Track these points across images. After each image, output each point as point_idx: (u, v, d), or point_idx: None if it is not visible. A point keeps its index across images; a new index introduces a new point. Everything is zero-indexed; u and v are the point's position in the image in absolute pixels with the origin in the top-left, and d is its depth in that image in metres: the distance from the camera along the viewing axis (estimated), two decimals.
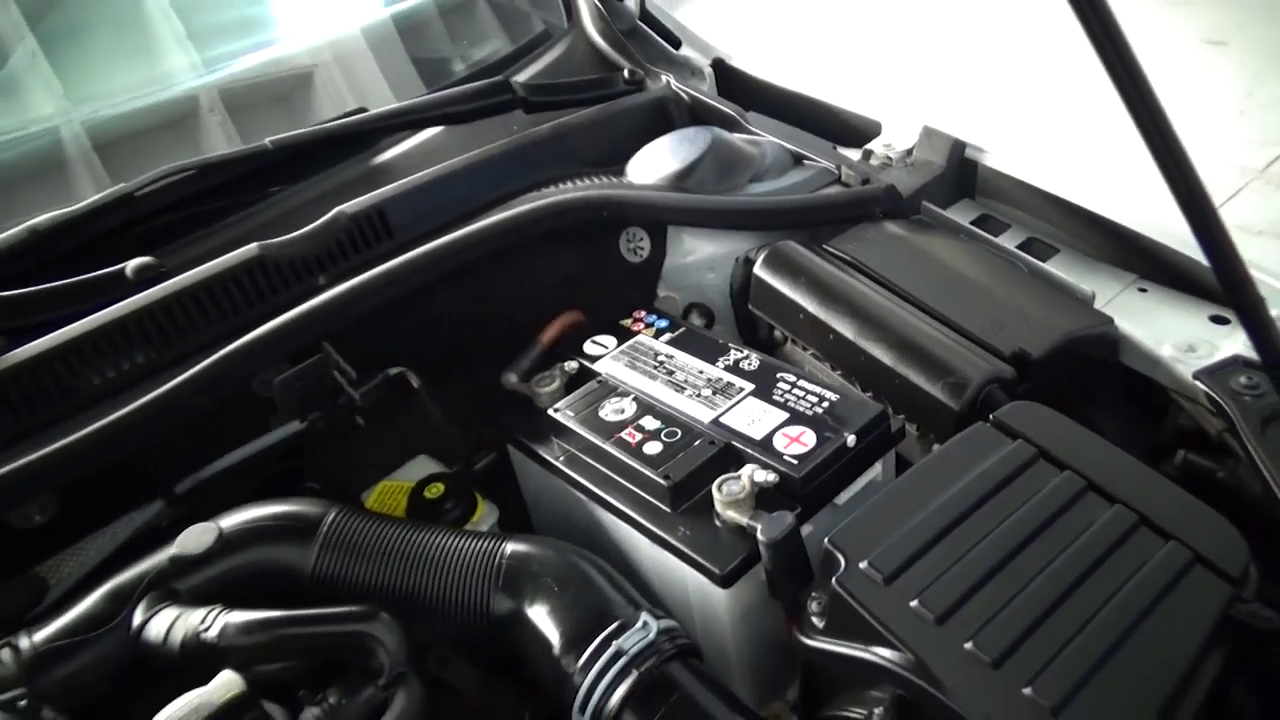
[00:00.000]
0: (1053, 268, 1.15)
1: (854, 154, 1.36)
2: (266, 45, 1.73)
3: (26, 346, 0.97)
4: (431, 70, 1.74)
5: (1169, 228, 1.14)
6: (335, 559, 0.87)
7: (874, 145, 1.37)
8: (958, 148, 1.30)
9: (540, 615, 0.83)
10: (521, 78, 1.45)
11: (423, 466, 1.14)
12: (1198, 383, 0.99)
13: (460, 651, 0.90)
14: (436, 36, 1.81)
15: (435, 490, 1.07)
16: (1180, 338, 1.05)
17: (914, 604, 0.73)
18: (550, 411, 1.02)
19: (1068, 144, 3.35)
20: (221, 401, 0.99)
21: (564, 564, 0.86)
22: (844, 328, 1.05)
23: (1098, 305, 1.10)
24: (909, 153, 1.34)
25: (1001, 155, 1.29)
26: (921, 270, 1.12)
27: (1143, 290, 1.14)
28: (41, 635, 0.80)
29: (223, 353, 0.98)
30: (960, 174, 1.31)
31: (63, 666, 0.78)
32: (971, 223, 1.25)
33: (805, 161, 1.34)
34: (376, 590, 0.86)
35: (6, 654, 0.78)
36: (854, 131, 1.43)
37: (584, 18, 1.63)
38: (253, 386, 1.03)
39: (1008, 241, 1.22)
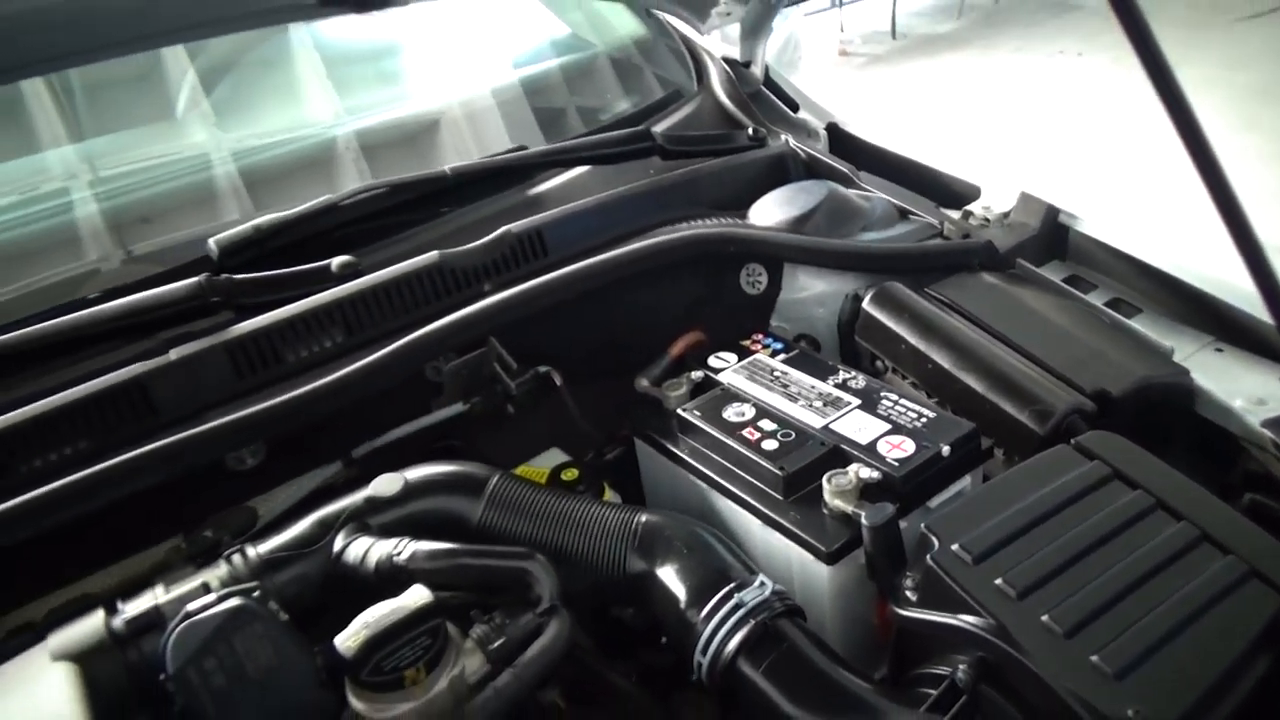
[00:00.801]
0: (1135, 325, 1.28)
1: (955, 214, 1.51)
2: (401, 97, 1.97)
3: (250, 321, 1.17)
4: (550, 122, 1.92)
5: (1246, 293, 1.26)
6: (498, 514, 1.03)
7: (974, 207, 1.51)
8: (1051, 212, 1.44)
9: (669, 574, 0.98)
10: (657, 129, 1.63)
11: (554, 457, 1.31)
12: (1266, 431, 1.10)
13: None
14: (558, 92, 2.02)
15: (570, 474, 1.23)
16: (1251, 392, 1.16)
17: (998, 582, 0.85)
18: (679, 410, 1.18)
19: (1154, 211, 3.43)
20: (398, 382, 1.17)
21: (691, 532, 1.01)
22: (941, 358, 1.18)
23: (1175, 359, 1.21)
24: (1006, 215, 1.48)
25: (1092, 221, 1.42)
26: (1012, 314, 1.25)
27: (1219, 350, 1.25)
28: (264, 548, 0.97)
29: (405, 340, 1.17)
30: (1053, 236, 1.44)
31: (282, 572, 0.95)
32: (1061, 281, 1.37)
33: (910, 216, 1.49)
34: (531, 543, 1.01)
35: (238, 558, 0.96)
36: (955, 194, 1.57)
37: (713, 81, 1.82)
38: (425, 372, 1.22)
39: (1094, 300, 1.34)
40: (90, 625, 0.88)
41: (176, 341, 1.13)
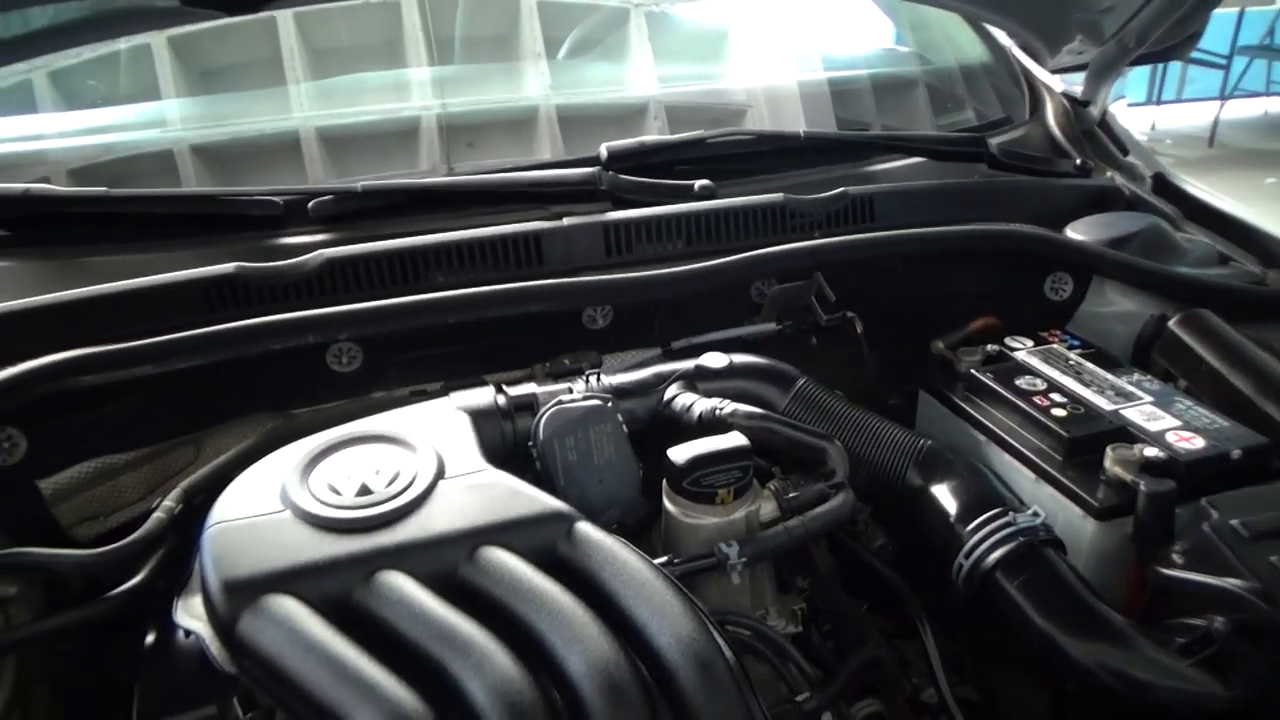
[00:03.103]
0: None
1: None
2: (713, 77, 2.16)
3: (623, 212, 1.40)
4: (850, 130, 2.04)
5: None
6: (800, 408, 1.19)
7: None
8: None
9: (944, 491, 1.10)
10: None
11: None
12: None
13: None
14: (864, 105, 2.16)
15: None
16: None
17: (1274, 559, 0.91)
18: (972, 370, 1.29)
19: None
20: (727, 289, 1.35)
21: (971, 462, 1.12)
22: (1244, 384, 1.22)
23: None
24: None
25: None
26: None
27: None
28: (612, 379, 1.18)
29: (745, 255, 1.35)
30: None
31: (624, 401, 1.15)
32: None
33: (1231, 263, 1.51)
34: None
35: (594, 380, 1.17)
36: None
37: (1048, 112, 1.90)
38: (750, 291, 1.40)
39: None
40: (483, 394, 1.12)
41: (565, 214, 1.38)
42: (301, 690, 0.77)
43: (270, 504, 0.91)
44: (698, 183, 1.46)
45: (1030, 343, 1.37)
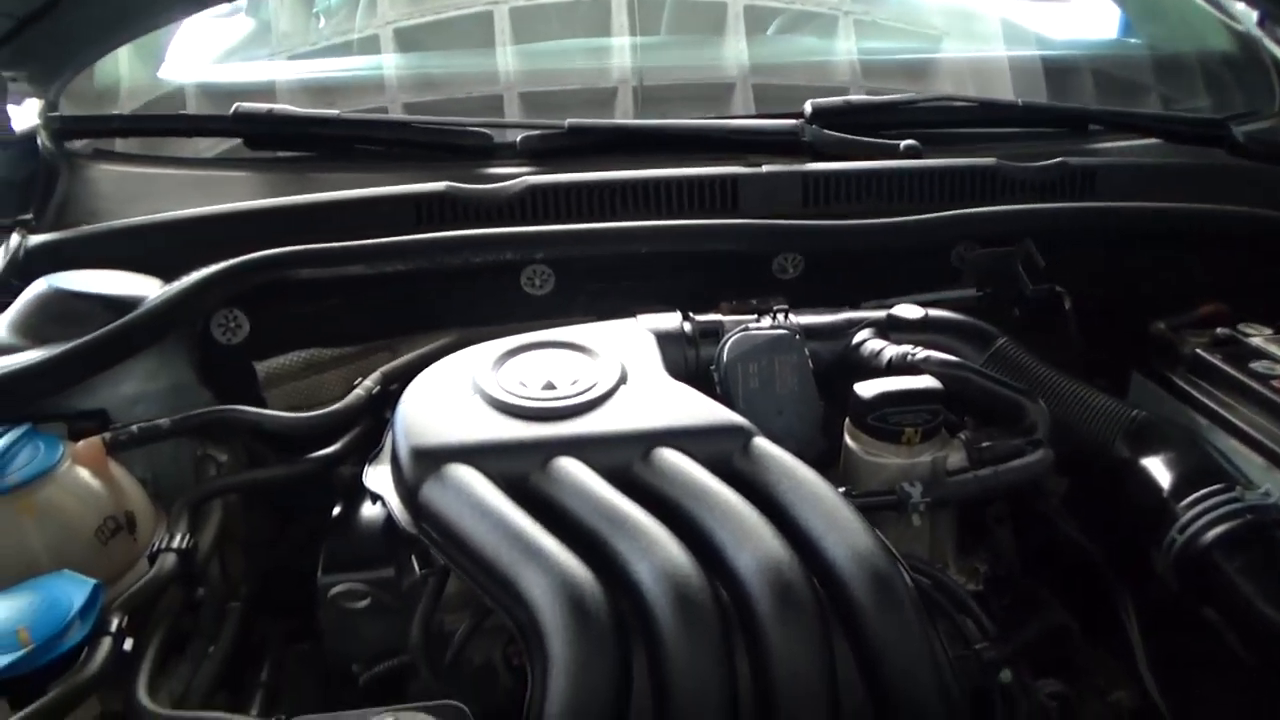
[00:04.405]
0: None
1: None
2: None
3: (825, 164, 1.37)
4: None
5: None
6: (997, 368, 1.12)
7: None
8: None
9: (1156, 463, 1.00)
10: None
11: None
12: None
13: None
14: (1084, 90, 2.00)
15: None
16: None
17: None
18: (1198, 350, 1.17)
19: None
20: (927, 248, 1.30)
21: (1191, 435, 1.02)
22: None
23: None
24: None
25: None
26: None
27: None
28: (800, 319, 1.15)
29: (955, 212, 1.29)
30: None
31: (811, 341, 1.12)
32: None
33: None
34: None
35: (782, 316, 1.14)
36: None
37: None
38: (951, 255, 1.33)
39: None
40: (670, 319, 1.12)
41: (765, 162, 1.37)
42: (475, 552, 0.79)
43: (462, 388, 0.95)
44: (904, 142, 1.41)
45: (1269, 330, 1.23)
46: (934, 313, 1.17)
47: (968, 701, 0.80)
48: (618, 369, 0.97)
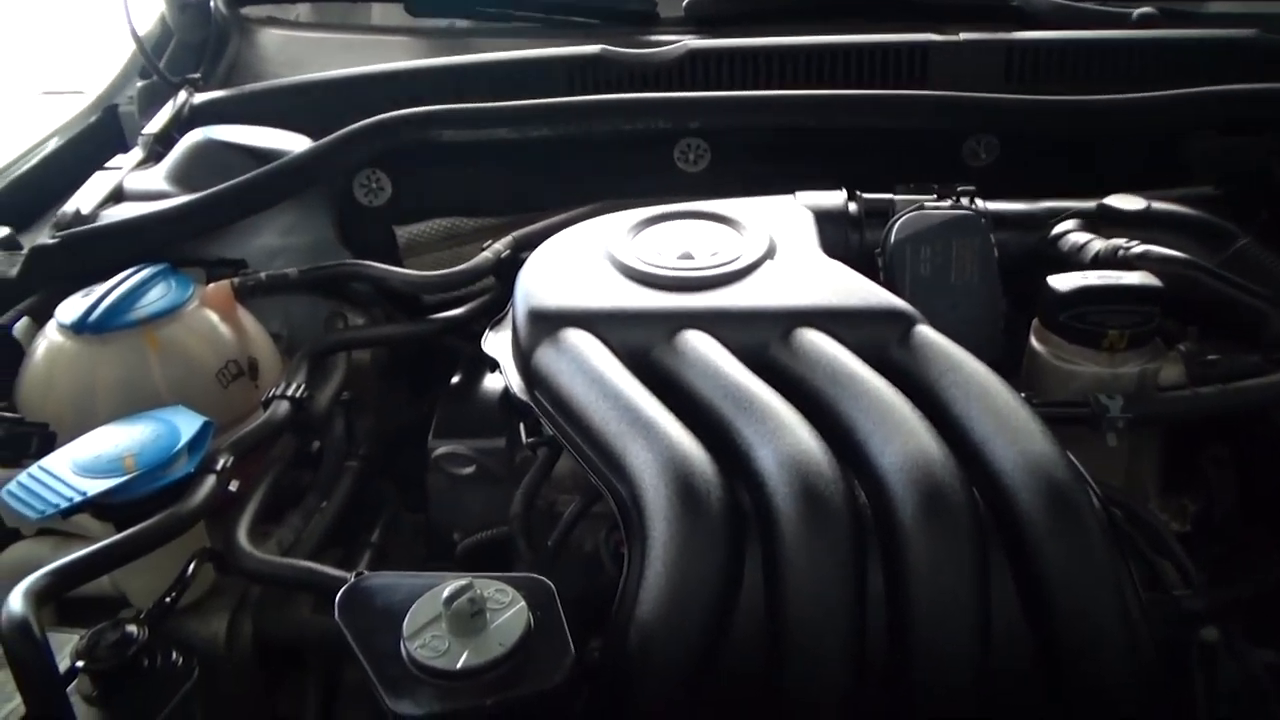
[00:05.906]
0: None
1: None
2: None
3: (1033, 33, 1.17)
4: None
5: None
6: (1238, 272, 0.91)
7: None
8: None
9: None
10: None
11: None
12: None
13: None
14: None
15: None
16: None
17: None
18: None
19: None
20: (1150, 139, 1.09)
21: None
22: None
23: None
24: None
25: None
26: None
27: None
28: (988, 205, 0.99)
29: (1206, 90, 1.08)
30: None
31: (1000, 231, 0.95)
32: None
33: None
34: None
35: (966, 200, 0.98)
36: None
37: None
38: (1185, 146, 1.11)
39: None
40: (834, 196, 0.99)
41: (963, 29, 1.19)
42: (583, 421, 0.71)
43: (592, 253, 0.87)
44: (1137, 10, 1.18)
45: None
46: (1159, 205, 0.97)
47: (1160, 656, 0.65)
48: (765, 243, 0.85)
